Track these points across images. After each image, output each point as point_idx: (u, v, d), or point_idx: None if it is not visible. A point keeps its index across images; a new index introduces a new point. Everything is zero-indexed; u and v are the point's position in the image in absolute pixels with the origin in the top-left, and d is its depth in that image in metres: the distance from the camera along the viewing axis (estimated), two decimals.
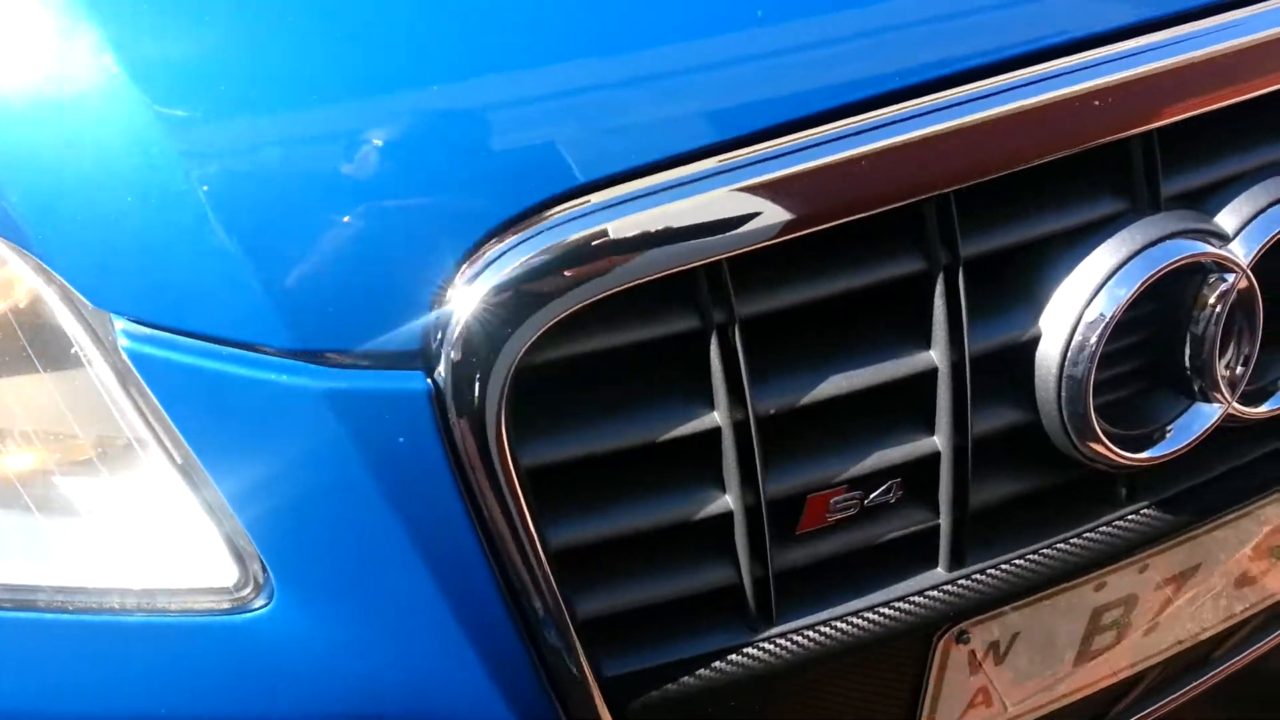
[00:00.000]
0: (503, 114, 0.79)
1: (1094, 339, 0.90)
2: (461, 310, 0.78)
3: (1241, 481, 1.10)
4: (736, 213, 0.80)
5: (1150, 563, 1.09)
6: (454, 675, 0.87)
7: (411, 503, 0.81)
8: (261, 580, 0.84)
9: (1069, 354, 0.91)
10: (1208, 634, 1.17)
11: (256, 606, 0.84)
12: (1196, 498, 1.07)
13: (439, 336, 0.78)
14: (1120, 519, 1.04)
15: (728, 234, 0.80)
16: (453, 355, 0.78)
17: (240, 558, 0.84)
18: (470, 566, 0.83)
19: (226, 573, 0.84)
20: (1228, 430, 1.02)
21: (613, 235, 0.78)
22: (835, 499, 0.92)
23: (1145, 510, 1.05)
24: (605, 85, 0.81)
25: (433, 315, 0.78)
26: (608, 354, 0.83)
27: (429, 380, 0.78)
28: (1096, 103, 0.87)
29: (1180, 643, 1.15)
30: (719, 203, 0.80)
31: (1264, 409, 1.01)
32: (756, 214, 0.80)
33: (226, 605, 0.85)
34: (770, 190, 0.80)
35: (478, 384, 0.78)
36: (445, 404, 0.79)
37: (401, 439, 0.79)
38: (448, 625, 0.85)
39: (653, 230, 0.79)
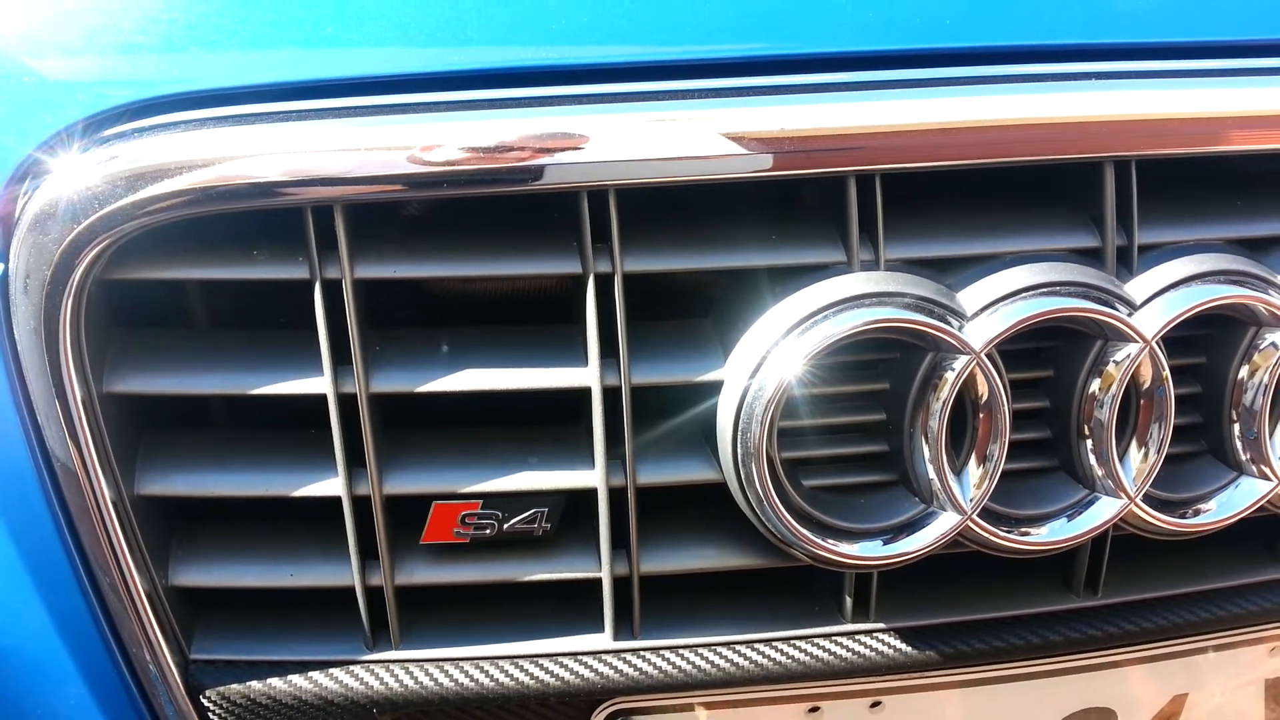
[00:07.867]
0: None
1: (769, 396, 0.79)
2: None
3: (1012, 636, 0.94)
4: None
5: (885, 702, 0.94)
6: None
7: None
8: None
9: (743, 410, 0.81)
10: None
11: None
12: (952, 635, 0.92)
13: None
14: (842, 635, 0.91)
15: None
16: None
17: None
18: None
19: None
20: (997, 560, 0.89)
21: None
22: (467, 513, 0.84)
23: (879, 633, 0.91)
24: None
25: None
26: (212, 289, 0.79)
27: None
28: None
29: None
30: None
31: (1010, 534, 0.87)
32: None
33: None
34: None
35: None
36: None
37: None
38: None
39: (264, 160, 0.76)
